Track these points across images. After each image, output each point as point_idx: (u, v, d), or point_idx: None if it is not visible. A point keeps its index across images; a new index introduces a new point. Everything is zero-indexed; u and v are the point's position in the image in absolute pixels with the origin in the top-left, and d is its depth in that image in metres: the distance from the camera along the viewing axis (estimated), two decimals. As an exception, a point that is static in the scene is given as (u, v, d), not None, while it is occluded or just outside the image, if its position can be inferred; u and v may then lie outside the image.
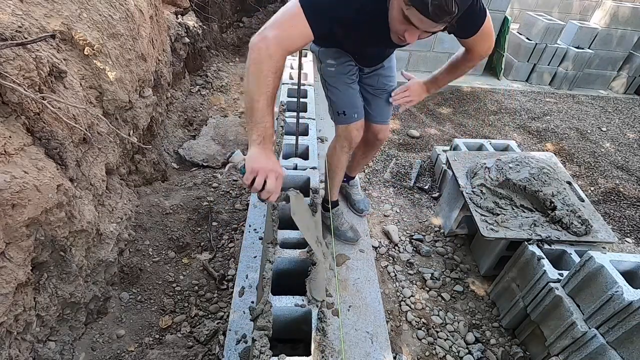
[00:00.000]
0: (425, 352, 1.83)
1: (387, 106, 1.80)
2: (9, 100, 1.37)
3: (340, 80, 1.64)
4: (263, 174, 1.06)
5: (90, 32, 1.88)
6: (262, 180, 1.06)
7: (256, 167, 1.06)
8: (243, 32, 5.50)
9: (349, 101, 1.67)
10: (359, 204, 2.28)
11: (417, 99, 1.70)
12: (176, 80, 3.65)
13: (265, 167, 1.06)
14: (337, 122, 1.74)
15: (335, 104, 1.70)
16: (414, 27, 1.06)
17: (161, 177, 2.79)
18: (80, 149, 1.78)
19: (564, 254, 1.87)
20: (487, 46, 1.42)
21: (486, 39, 1.38)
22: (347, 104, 1.67)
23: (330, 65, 1.62)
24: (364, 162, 2.16)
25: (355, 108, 1.69)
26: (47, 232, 1.48)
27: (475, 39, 1.35)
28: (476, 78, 4.80)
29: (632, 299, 1.36)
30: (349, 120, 1.69)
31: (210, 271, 2.16)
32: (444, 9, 0.95)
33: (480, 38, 1.35)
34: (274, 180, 1.07)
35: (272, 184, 1.06)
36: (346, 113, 1.68)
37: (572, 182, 2.20)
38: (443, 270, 2.25)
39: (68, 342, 1.66)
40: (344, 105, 1.67)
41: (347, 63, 1.62)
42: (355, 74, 1.66)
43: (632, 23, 4.67)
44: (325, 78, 1.67)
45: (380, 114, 1.81)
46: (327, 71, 1.64)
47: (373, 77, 1.73)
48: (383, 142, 1.96)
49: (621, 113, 4.48)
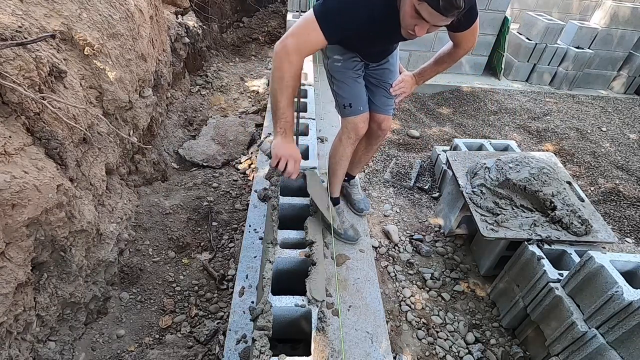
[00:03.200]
0: (425, 352, 1.83)
1: (390, 98, 1.89)
2: (9, 100, 1.37)
3: (346, 74, 1.71)
4: (284, 160, 1.36)
5: (90, 32, 1.88)
6: (284, 164, 1.37)
7: (279, 154, 1.36)
8: (243, 32, 5.50)
9: (355, 94, 1.75)
10: (359, 203, 2.29)
11: (409, 90, 1.80)
12: (176, 80, 3.65)
13: (285, 153, 1.36)
14: (344, 114, 1.81)
15: (341, 97, 1.76)
16: (424, 21, 1.18)
17: (161, 177, 2.79)
18: (80, 149, 1.78)
19: (564, 254, 1.87)
20: (472, 41, 1.57)
21: (474, 34, 1.52)
22: (353, 97, 1.75)
23: (337, 61, 1.69)
24: (365, 159, 2.17)
25: (361, 101, 1.77)
26: (47, 232, 1.48)
27: (466, 34, 1.49)
28: (476, 78, 4.80)
29: (632, 299, 1.36)
30: (355, 113, 1.77)
31: (210, 271, 2.16)
32: (452, 4, 1.08)
33: (471, 34, 1.49)
34: (293, 164, 1.38)
35: (292, 167, 1.38)
36: (352, 105, 1.75)
37: (572, 182, 2.19)
38: (443, 270, 2.25)
39: (68, 342, 1.66)
40: (350, 98, 1.75)
41: (353, 59, 1.70)
42: (360, 68, 1.74)
43: (632, 23, 4.67)
44: (332, 73, 1.74)
45: (384, 105, 1.91)
46: (334, 66, 1.71)
47: (378, 70, 1.82)
48: (386, 132, 2.01)
49: (621, 113, 4.48)
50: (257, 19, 5.69)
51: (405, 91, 1.78)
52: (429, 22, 1.18)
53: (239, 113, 3.84)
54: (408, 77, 1.80)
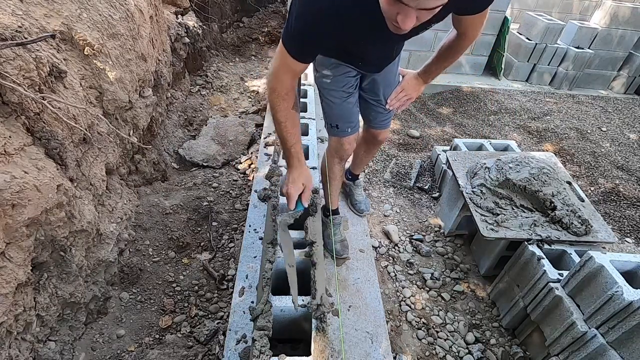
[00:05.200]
0: (425, 352, 1.83)
1: (387, 113, 1.75)
2: (9, 100, 1.37)
3: (335, 93, 1.56)
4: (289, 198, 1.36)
5: (90, 32, 1.88)
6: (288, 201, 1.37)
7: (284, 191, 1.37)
8: (243, 32, 5.50)
9: (343, 115, 1.61)
10: (360, 204, 2.28)
11: (415, 94, 1.64)
12: (176, 80, 3.65)
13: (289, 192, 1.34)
14: (330, 133, 1.71)
15: (328, 116, 1.64)
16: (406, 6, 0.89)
17: (161, 177, 2.79)
18: (80, 149, 1.78)
19: (564, 254, 1.87)
20: (480, 30, 1.35)
21: (483, 19, 1.31)
22: (341, 117, 1.61)
23: (325, 77, 1.53)
24: (366, 159, 2.14)
25: (349, 122, 1.63)
26: (47, 232, 1.48)
27: (474, 19, 1.27)
28: (476, 78, 4.80)
29: (632, 299, 1.36)
30: (341, 134, 1.65)
31: (210, 271, 2.16)
32: None
33: (479, 19, 1.29)
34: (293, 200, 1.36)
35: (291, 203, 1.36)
36: (339, 127, 1.63)
37: (572, 182, 2.20)
38: (443, 270, 2.25)
39: (68, 342, 1.66)
40: (338, 118, 1.62)
41: (345, 74, 1.52)
42: (353, 85, 1.57)
43: (632, 23, 4.67)
44: (320, 89, 1.59)
45: (381, 122, 1.78)
46: (322, 82, 1.56)
47: (373, 86, 1.64)
48: (383, 142, 1.96)
49: (621, 113, 4.48)
50: (257, 19, 5.68)
51: (411, 96, 1.63)
52: (412, 6, 0.87)
53: (239, 113, 3.84)
54: (411, 80, 1.61)
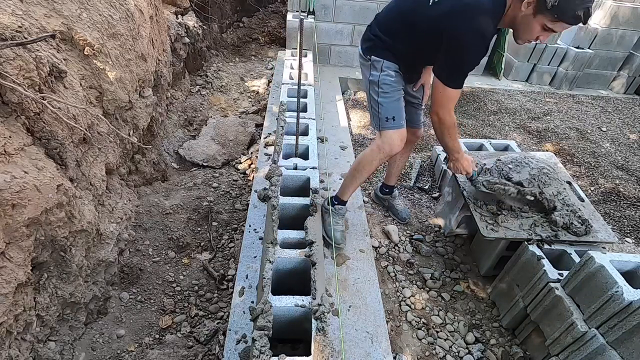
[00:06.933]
0: (425, 352, 1.83)
1: (421, 112, 2.14)
2: (9, 100, 1.37)
3: (395, 88, 1.80)
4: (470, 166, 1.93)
5: (90, 32, 1.88)
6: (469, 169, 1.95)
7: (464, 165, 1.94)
8: (243, 32, 5.51)
9: (400, 109, 1.83)
10: (402, 213, 2.50)
11: None
12: (176, 80, 3.65)
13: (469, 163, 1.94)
14: (383, 127, 1.83)
15: (385, 109, 1.81)
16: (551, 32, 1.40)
17: (161, 177, 2.79)
18: (80, 149, 1.78)
19: (564, 254, 1.87)
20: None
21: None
22: (398, 110, 1.82)
23: (390, 75, 1.76)
24: (402, 162, 2.35)
25: (402, 117, 1.85)
26: (47, 232, 1.48)
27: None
28: (476, 78, 4.80)
29: (632, 299, 1.36)
30: (397, 126, 1.81)
31: (210, 271, 2.16)
32: (590, 13, 1.29)
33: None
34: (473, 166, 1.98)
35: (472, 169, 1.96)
36: (395, 119, 1.80)
37: (572, 182, 2.20)
38: (443, 270, 2.25)
39: (68, 342, 1.66)
40: (395, 111, 1.81)
41: (401, 78, 1.81)
42: (404, 87, 1.87)
43: (632, 23, 4.67)
44: (381, 85, 1.78)
45: (419, 119, 2.13)
46: (385, 79, 1.77)
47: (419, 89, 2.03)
48: (419, 138, 2.28)
49: (621, 113, 4.48)
50: (257, 19, 5.69)
51: None
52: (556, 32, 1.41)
53: (239, 113, 3.84)
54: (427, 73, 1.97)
